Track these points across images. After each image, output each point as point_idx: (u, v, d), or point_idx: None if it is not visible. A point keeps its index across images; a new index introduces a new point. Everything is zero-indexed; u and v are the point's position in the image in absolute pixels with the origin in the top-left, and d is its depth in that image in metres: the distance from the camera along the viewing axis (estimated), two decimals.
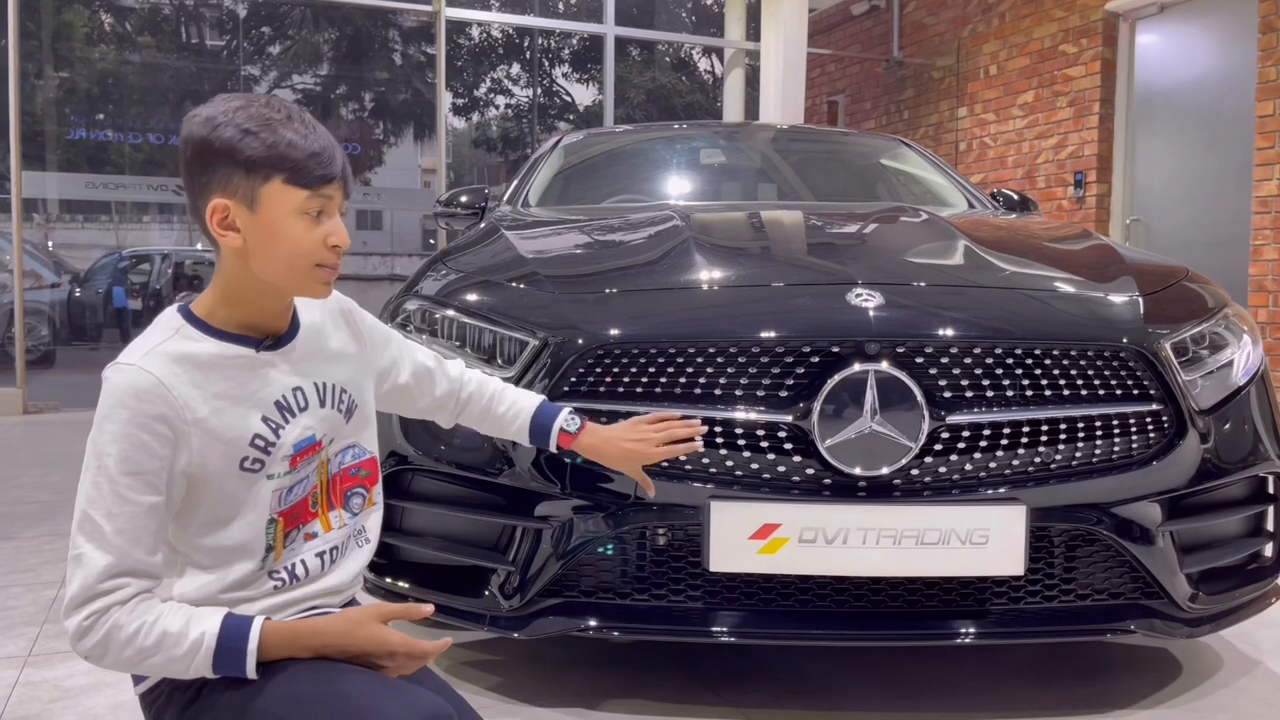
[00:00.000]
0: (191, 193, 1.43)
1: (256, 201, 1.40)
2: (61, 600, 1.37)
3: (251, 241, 1.41)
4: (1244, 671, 2.51)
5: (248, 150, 1.38)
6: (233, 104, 1.41)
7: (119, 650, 1.33)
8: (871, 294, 2.15)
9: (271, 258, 1.43)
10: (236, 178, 1.39)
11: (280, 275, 1.45)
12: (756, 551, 2.04)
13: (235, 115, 1.39)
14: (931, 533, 2.02)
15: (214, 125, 1.39)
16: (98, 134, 12.02)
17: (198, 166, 1.41)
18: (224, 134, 1.38)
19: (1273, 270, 6.39)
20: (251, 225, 1.41)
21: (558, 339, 2.14)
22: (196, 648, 1.35)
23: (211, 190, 1.40)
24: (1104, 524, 2.12)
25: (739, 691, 2.35)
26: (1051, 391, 2.13)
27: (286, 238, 1.42)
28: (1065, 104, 7.86)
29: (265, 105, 1.41)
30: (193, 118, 1.41)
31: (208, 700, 1.42)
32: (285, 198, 1.41)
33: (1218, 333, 2.37)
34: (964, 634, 2.13)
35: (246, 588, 1.45)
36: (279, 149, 1.39)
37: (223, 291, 1.46)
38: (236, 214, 1.40)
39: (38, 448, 5.75)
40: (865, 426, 2.03)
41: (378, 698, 1.38)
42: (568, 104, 18.49)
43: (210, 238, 1.43)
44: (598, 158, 4.35)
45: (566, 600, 2.18)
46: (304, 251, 1.43)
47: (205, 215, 1.41)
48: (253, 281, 1.45)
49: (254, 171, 1.39)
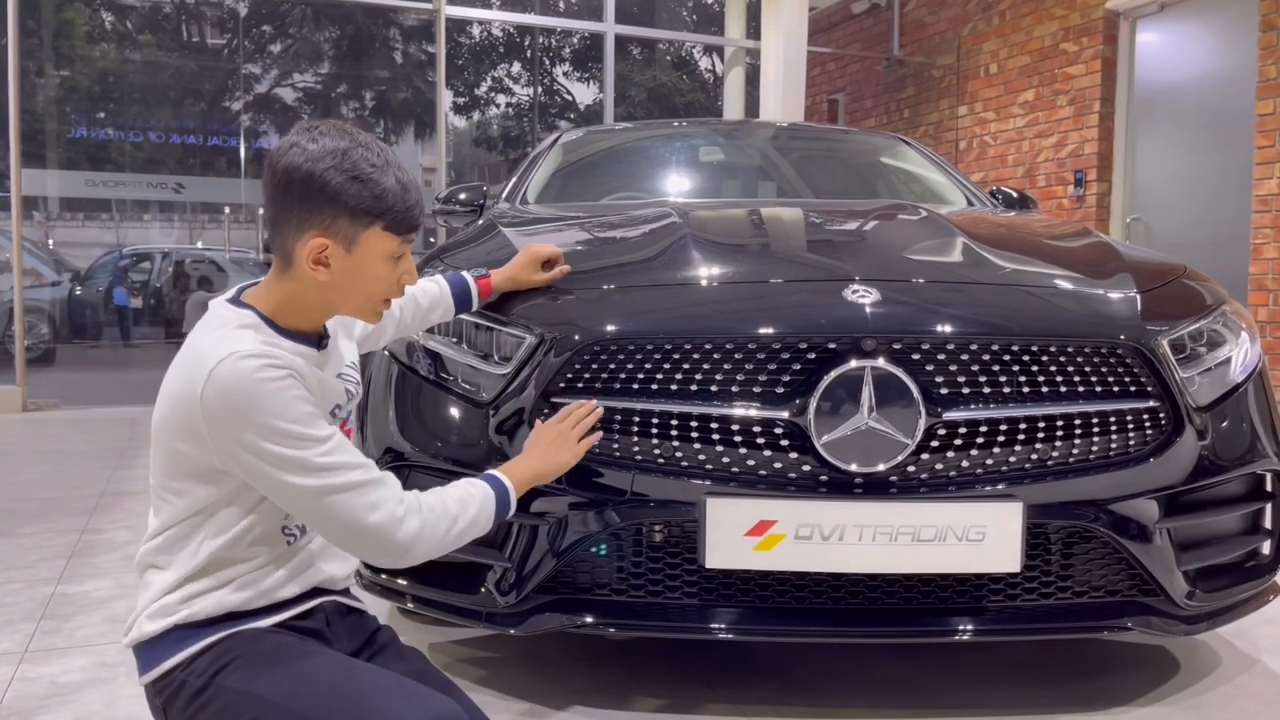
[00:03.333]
0: (282, 219, 1.49)
1: (355, 244, 1.49)
2: (57, 598, 1.37)
3: (340, 278, 1.51)
4: (1242, 669, 2.51)
5: (356, 199, 1.47)
6: (336, 143, 1.47)
7: (436, 529, 1.55)
8: (868, 290, 2.14)
9: (353, 293, 1.54)
10: (341, 220, 1.48)
11: (353, 307, 1.57)
12: (752, 548, 2.03)
13: (342, 160, 1.46)
14: (928, 529, 2.02)
15: (318, 163, 1.46)
16: (98, 132, 12.03)
17: (296, 199, 1.47)
18: (332, 178, 1.46)
19: (1273, 269, 6.38)
20: (343, 264, 1.50)
21: (554, 335, 2.13)
22: (484, 503, 1.64)
23: (311, 227, 1.48)
24: (1101, 521, 2.11)
25: (737, 689, 2.35)
26: (1048, 388, 2.12)
27: (372, 278, 1.53)
28: (1066, 102, 7.85)
29: (366, 148, 1.49)
30: (293, 148, 1.47)
31: (221, 688, 1.45)
32: (381, 243, 1.51)
33: (1216, 330, 2.36)
34: (961, 631, 2.12)
35: (265, 543, 1.53)
36: (385, 200, 1.49)
37: (287, 300, 1.53)
38: (333, 254, 1.49)
39: (37, 445, 5.76)
40: (862, 423, 2.03)
41: (393, 696, 1.42)
42: (568, 102, 18.49)
43: (284, 259, 1.51)
44: (596, 155, 4.34)
45: (563, 597, 2.18)
46: (383, 291, 1.56)
47: (297, 247, 1.48)
48: (322, 303, 1.54)
49: (358, 218, 1.48)
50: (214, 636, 1.47)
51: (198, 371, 1.42)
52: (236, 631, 1.49)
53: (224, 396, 1.40)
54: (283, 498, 1.46)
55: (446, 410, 2.27)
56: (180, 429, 1.45)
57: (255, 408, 1.40)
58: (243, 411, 1.40)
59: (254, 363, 1.41)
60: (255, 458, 1.42)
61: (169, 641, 1.48)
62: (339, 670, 1.49)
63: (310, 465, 1.43)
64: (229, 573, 1.50)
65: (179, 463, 1.48)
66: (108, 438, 5.90)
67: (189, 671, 1.46)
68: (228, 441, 1.42)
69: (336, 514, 1.46)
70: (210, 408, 1.40)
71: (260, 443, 1.41)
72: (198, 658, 1.46)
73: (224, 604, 1.49)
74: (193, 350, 1.46)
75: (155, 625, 1.48)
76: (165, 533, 1.50)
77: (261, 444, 1.41)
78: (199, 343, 1.47)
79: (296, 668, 1.47)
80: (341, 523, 1.47)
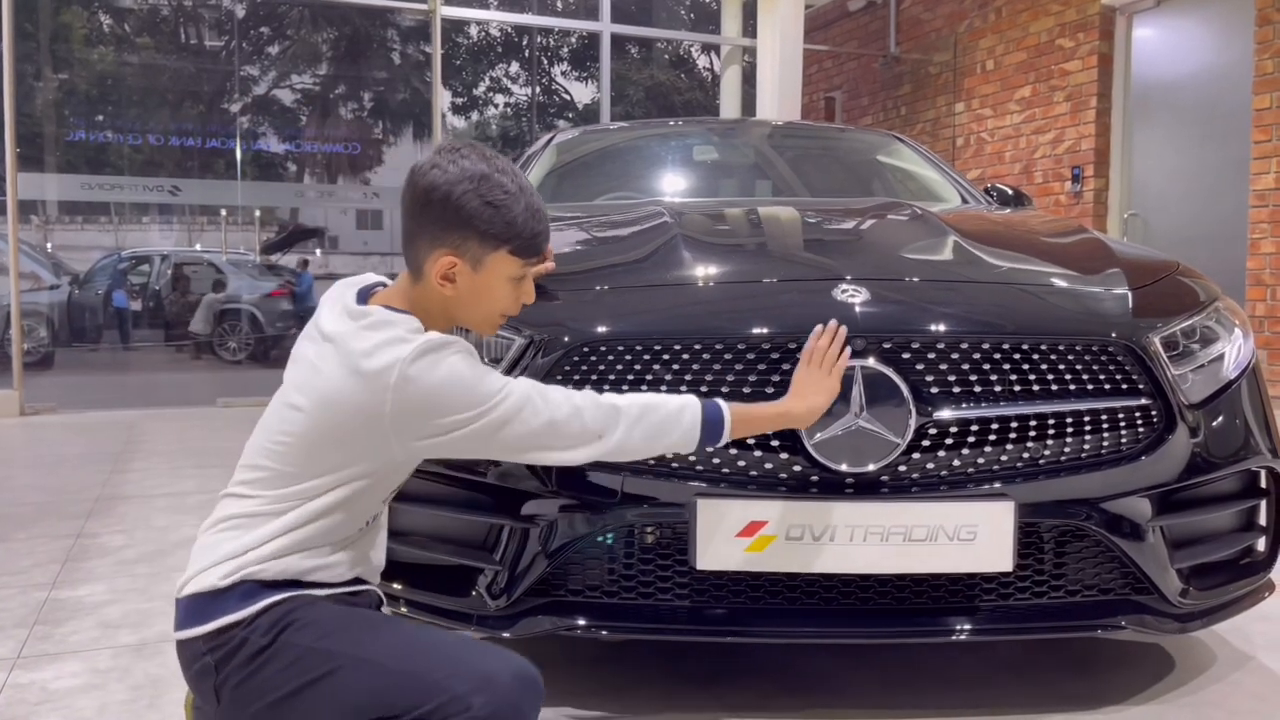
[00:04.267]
0: (417, 234, 1.60)
1: (482, 265, 1.60)
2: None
3: (464, 294, 1.62)
4: (1237, 666, 2.50)
5: (489, 224, 1.57)
6: (475, 167, 1.57)
7: (627, 426, 1.67)
8: (858, 289, 2.13)
9: (475, 309, 1.66)
10: (471, 242, 1.58)
11: (472, 321, 1.69)
12: (743, 549, 2.03)
13: (480, 185, 1.56)
14: (919, 529, 2.01)
15: (456, 186, 1.56)
16: (97, 135, 12.02)
17: (433, 217, 1.58)
18: (468, 202, 1.56)
19: (1270, 264, 6.37)
20: (469, 282, 1.61)
21: (542, 336, 2.13)
22: (692, 418, 1.71)
23: (443, 245, 1.59)
24: (1093, 519, 2.11)
25: (730, 689, 2.34)
26: (1040, 386, 2.11)
27: (495, 297, 1.65)
28: (1062, 99, 7.85)
29: (502, 173, 1.59)
30: (434, 169, 1.58)
31: (288, 644, 1.51)
32: (506, 266, 1.62)
33: (1209, 326, 2.35)
34: (954, 631, 2.11)
35: (349, 525, 1.63)
36: (515, 227, 1.59)
37: (414, 307, 1.63)
38: (460, 271, 1.60)
39: (34, 449, 5.75)
40: (852, 423, 2.02)
41: (471, 650, 1.56)
42: (567, 102, 18.50)
43: (414, 270, 1.62)
44: (590, 155, 4.33)
45: (554, 599, 2.17)
46: (504, 309, 1.67)
47: (428, 262, 1.60)
48: (444, 314, 1.65)
49: (487, 241, 1.59)
50: (277, 596, 1.54)
51: (381, 375, 1.50)
52: (297, 594, 1.56)
53: (422, 393, 1.51)
54: (483, 449, 1.61)
55: None
56: (350, 428, 1.54)
57: (452, 389, 1.53)
58: (438, 401, 1.53)
59: (439, 355, 1.53)
60: (452, 433, 1.55)
61: (234, 597, 1.52)
62: (412, 630, 1.61)
63: (502, 414, 1.56)
64: (309, 544, 1.58)
65: (328, 460, 1.56)
66: (105, 442, 5.90)
67: (251, 629, 1.51)
68: (425, 431, 1.54)
69: (539, 442, 1.61)
70: (406, 408, 1.51)
71: (457, 417, 1.54)
72: (259, 616, 1.52)
73: (289, 569, 1.56)
74: (364, 355, 1.52)
75: (222, 579, 1.53)
76: (273, 505, 1.57)
77: (458, 417, 1.54)
78: (367, 348, 1.53)
79: (369, 627, 1.58)
80: (546, 447, 1.63)
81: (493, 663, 1.51)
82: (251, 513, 1.58)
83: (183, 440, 6.02)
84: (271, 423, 1.61)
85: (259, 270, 12.30)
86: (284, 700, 1.51)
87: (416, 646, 1.54)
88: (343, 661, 1.51)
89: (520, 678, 1.51)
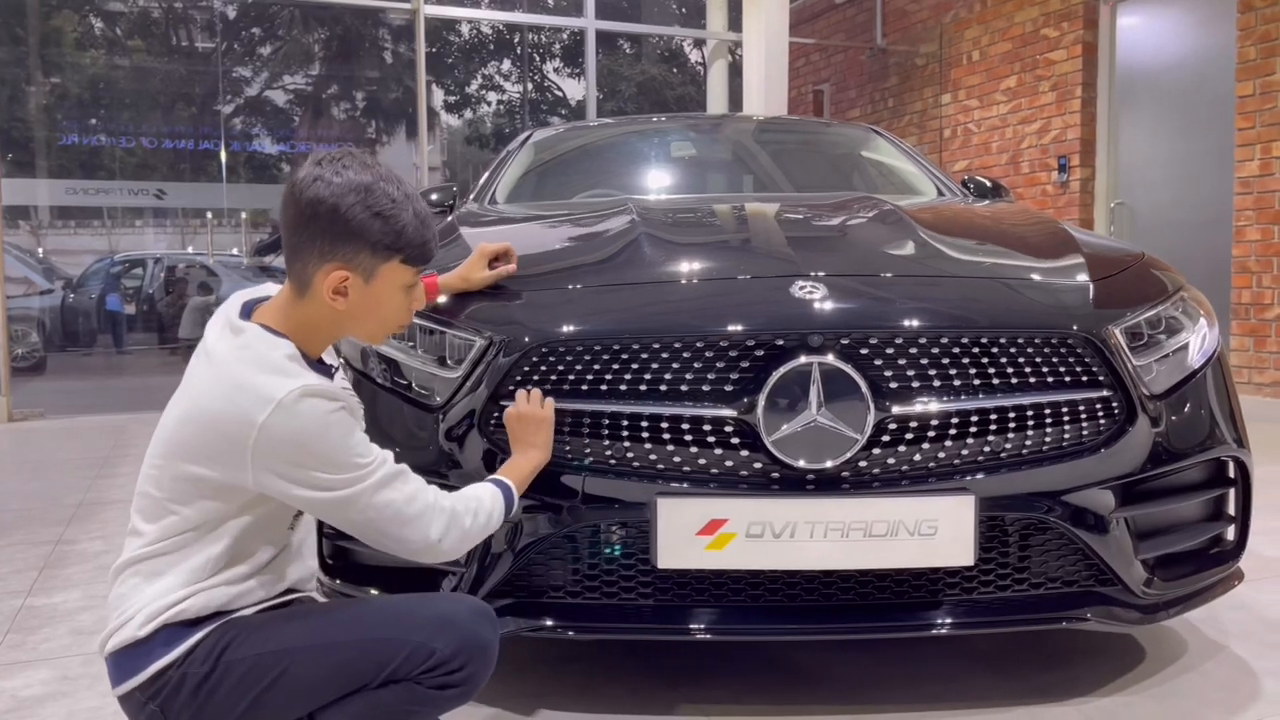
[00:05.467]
0: (304, 249, 1.56)
1: (374, 276, 1.57)
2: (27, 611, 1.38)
3: (356, 307, 1.58)
4: (1208, 656, 2.50)
5: (378, 235, 1.54)
6: (359, 178, 1.54)
7: (460, 524, 1.68)
8: (816, 286, 2.13)
9: (367, 321, 1.63)
10: (363, 254, 1.55)
11: (365, 333, 1.67)
12: (704, 547, 2.03)
13: (366, 196, 1.53)
14: (879, 525, 2.01)
15: (343, 199, 1.52)
16: (90, 139, 12.00)
17: (319, 231, 1.54)
18: (356, 214, 1.52)
19: (1255, 250, 6.37)
20: (361, 295, 1.57)
21: (502, 337, 2.12)
22: (493, 500, 1.77)
23: (333, 259, 1.55)
24: (1055, 512, 2.10)
25: (699, 687, 2.34)
26: (1000, 380, 2.11)
27: (388, 308, 1.62)
28: (1048, 88, 7.83)
29: (387, 182, 1.56)
30: (316, 181, 1.53)
31: (232, 663, 1.51)
32: (398, 275, 1.59)
33: (1174, 316, 2.35)
34: (917, 625, 2.11)
35: (264, 548, 1.62)
36: (406, 236, 1.56)
37: (302, 324, 1.59)
38: (352, 284, 1.56)
39: (20, 455, 5.74)
40: (810, 419, 2.01)
41: (418, 602, 1.61)
42: (559, 99, 18.45)
43: (300, 285, 1.57)
44: (568, 153, 4.33)
45: (520, 600, 2.17)
46: (396, 318, 1.65)
47: (317, 277, 1.56)
48: (335, 328, 1.63)
49: (378, 253, 1.55)
50: (203, 631, 1.52)
51: (252, 403, 1.46)
52: (225, 620, 1.54)
53: (292, 433, 1.47)
54: (328, 515, 1.59)
55: (401, 416, 2.25)
56: (207, 452, 1.50)
57: (324, 443, 1.49)
58: (306, 446, 1.48)
59: (323, 403, 1.49)
60: (308, 488, 1.51)
61: (156, 644, 1.50)
62: (352, 604, 1.64)
63: (363, 489, 1.54)
64: (221, 580, 1.55)
65: (195, 483, 1.52)
66: (91, 447, 5.89)
67: (187, 664, 1.50)
68: (282, 470, 1.49)
69: (381, 526, 1.59)
70: (272, 441, 1.47)
71: (319, 474, 1.50)
72: (193, 651, 1.50)
73: (210, 603, 1.53)
74: (235, 378, 1.49)
75: (144, 629, 1.50)
76: (165, 541, 1.54)
77: (321, 475, 1.50)
78: (241, 371, 1.50)
79: (308, 615, 1.59)
80: (383, 532, 1.60)
81: (444, 606, 1.57)
82: (148, 556, 1.54)
83: None
84: (149, 449, 1.60)
85: (252, 272, 12.29)
86: (247, 713, 1.51)
87: (364, 616, 1.57)
88: (295, 656, 1.51)
89: (475, 612, 1.57)
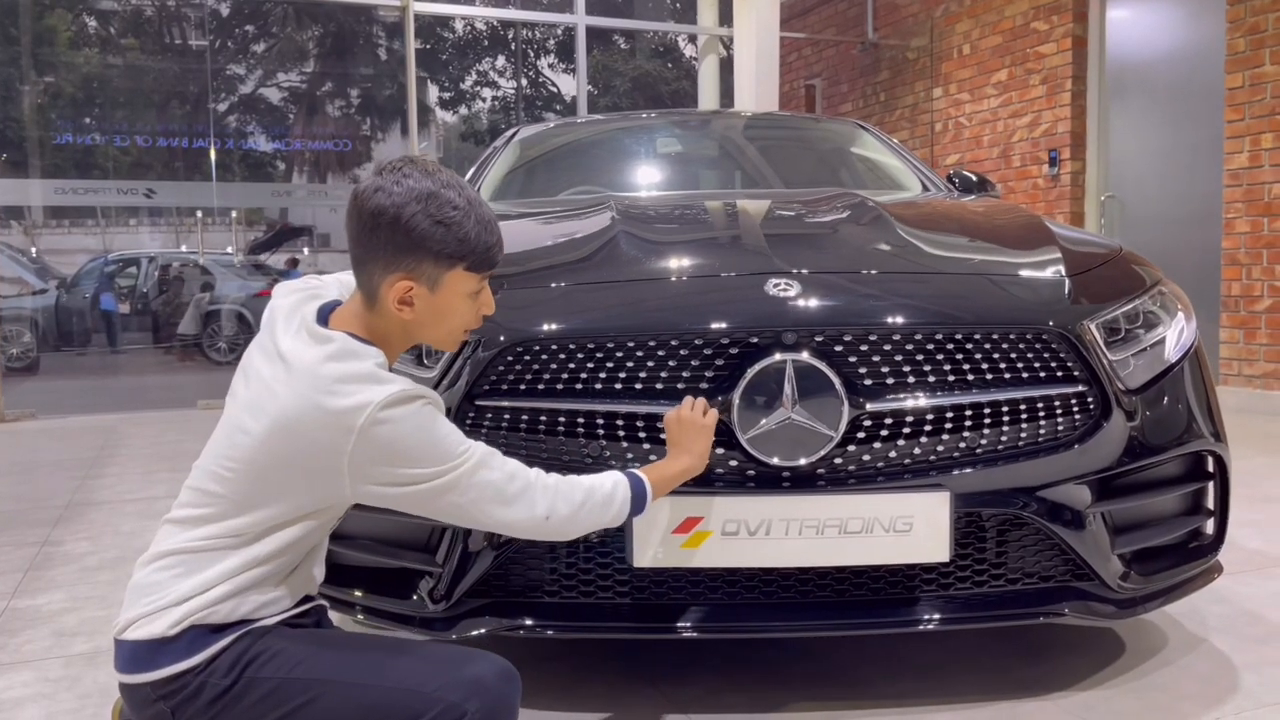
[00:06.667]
0: (369, 259, 1.56)
1: (439, 285, 1.57)
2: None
3: (423, 316, 1.59)
4: (1188, 650, 2.50)
5: (441, 243, 1.53)
6: (421, 186, 1.53)
7: (569, 502, 1.67)
8: (790, 283, 2.13)
9: (436, 328, 1.63)
10: (426, 264, 1.54)
11: (434, 339, 1.67)
12: (680, 545, 2.03)
13: (428, 204, 1.52)
14: (854, 521, 2.01)
15: (405, 208, 1.51)
16: (83, 138, 11.97)
17: (382, 241, 1.53)
18: (419, 223, 1.51)
19: (1245, 243, 6.37)
20: (427, 303, 1.58)
21: (477, 337, 2.12)
22: (619, 490, 1.74)
23: (397, 269, 1.55)
24: (1031, 508, 2.10)
25: (679, 686, 2.34)
26: (974, 376, 2.11)
27: (455, 314, 1.62)
28: (1038, 81, 7.83)
29: (449, 188, 1.55)
30: (378, 191, 1.52)
31: (255, 680, 1.50)
32: (463, 283, 1.59)
33: (1151, 311, 2.35)
34: (894, 622, 2.11)
35: (301, 555, 1.63)
36: (469, 244, 1.55)
37: (373, 333, 1.60)
38: (418, 294, 1.56)
39: (8, 455, 5.74)
40: (785, 417, 2.01)
41: (451, 656, 1.57)
42: (553, 94, 18.45)
43: (368, 295, 1.58)
44: (554, 151, 4.32)
45: (497, 600, 2.17)
46: (464, 324, 1.65)
47: (383, 287, 1.56)
48: (404, 337, 1.64)
49: (442, 261, 1.55)
50: (229, 638, 1.51)
51: (349, 413, 1.47)
52: (249, 630, 1.53)
53: (391, 439, 1.49)
54: (427, 506, 1.59)
55: None
56: (300, 461, 1.50)
57: (420, 441, 1.51)
58: (405, 449, 1.50)
59: (415, 404, 1.51)
60: (408, 485, 1.53)
61: (181, 644, 1.49)
62: (382, 644, 1.61)
63: (462, 473, 1.56)
64: (256, 585, 1.55)
65: (272, 490, 1.52)
66: (81, 447, 5.89)
67: (208, 673, 1.49)
68: (380, 475, 1.51)
69: (484, 507, 1.59)
70: (371, 448, 1.48)
71: (419, 470, 1.52)
72: (216, 659, 1.49)
73: (238, 610, 1.53)
74: (329, 388, 1.49)
75: (170, 629, 1.49)
76: (214, 539, 1.53)
77: (420, 470, 1.52)
78: (334, 382, 1.49)
79: (337, 647, 1.58)
80: (487, 513, 1.61)
81: (476, 666, 1.55)
82: (196, 549, 1.53)
83: (159, 443, 6.02)
84: (219, 446, 1.56)
85: (247, 270, 12.28)
86: None
87: (399, 663, 1.54)
88: (324, 688, 1.49)
89: (503, 676, 1.56)
